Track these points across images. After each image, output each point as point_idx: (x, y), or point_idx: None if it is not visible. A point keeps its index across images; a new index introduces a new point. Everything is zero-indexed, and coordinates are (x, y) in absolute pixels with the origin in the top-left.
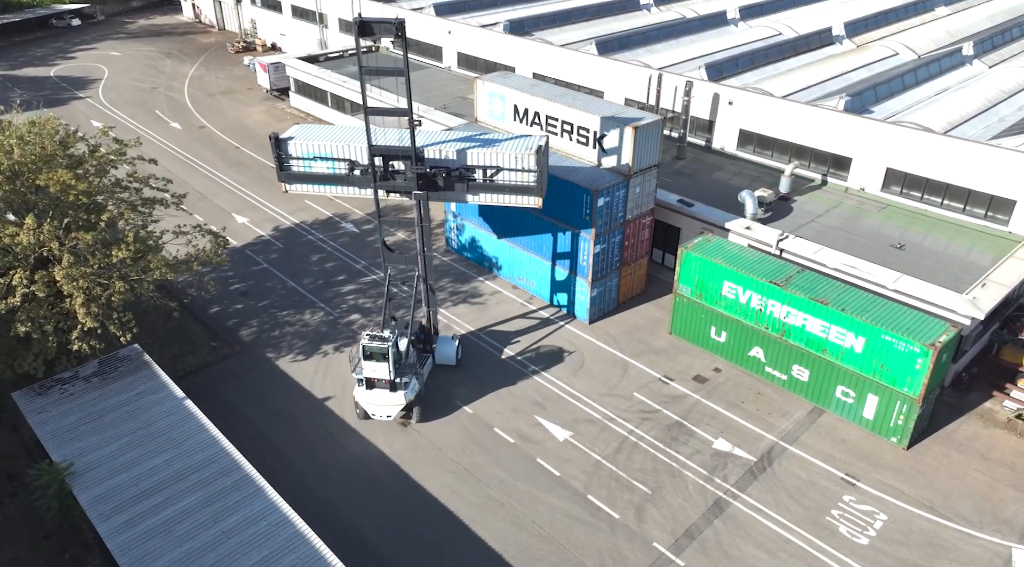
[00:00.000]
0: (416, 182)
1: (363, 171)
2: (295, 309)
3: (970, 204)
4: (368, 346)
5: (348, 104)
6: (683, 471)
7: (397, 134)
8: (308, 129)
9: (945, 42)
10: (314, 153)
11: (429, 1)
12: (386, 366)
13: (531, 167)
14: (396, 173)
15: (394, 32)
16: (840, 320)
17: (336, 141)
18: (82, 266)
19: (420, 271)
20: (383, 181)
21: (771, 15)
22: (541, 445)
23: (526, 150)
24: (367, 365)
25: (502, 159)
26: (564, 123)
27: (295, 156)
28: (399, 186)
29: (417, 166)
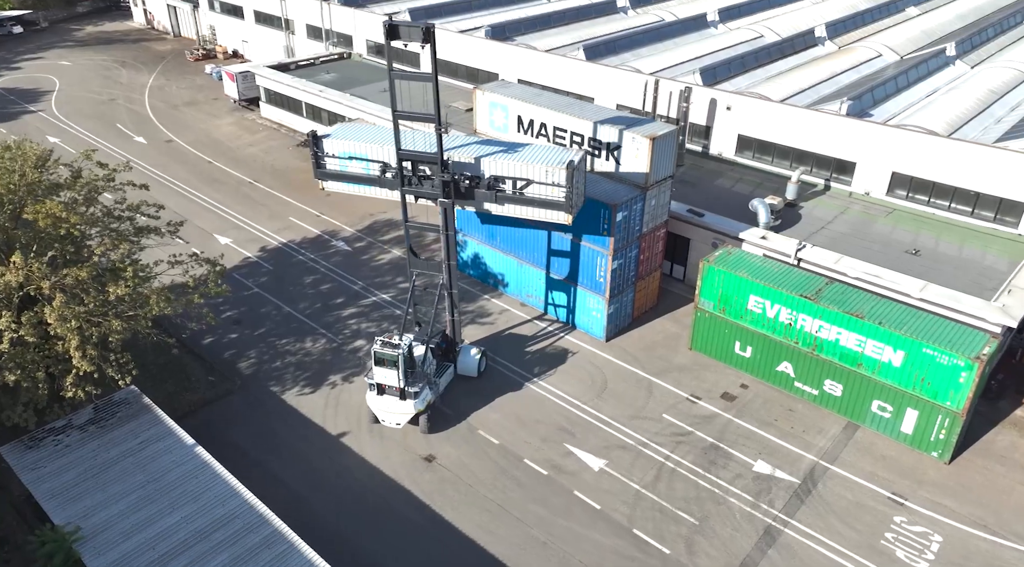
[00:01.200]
0: (443, 189)
1: (394, 174)
2: (294, 337)
3: (978, 207)
4: (379, 352)
5: (325, 114)
6: (727, 497)
7: (431, 139)
8: (349, 128)
9: (923, 42)
10: (349, 153)
11: (404, 6)
12: (396, 374)
13: (561, 182)
14: (424, 178)
15: (422, 37)
16: (877, 334)
17: (373, 142)
18: (75, 305)
19: (444, 279)
20: (411, 186)
21: (749, 17)
22: (576, 476)
23: (558, 164)
24: (378, 371)
25: (532, 171)
26: (573, 134)
27: (331, 154)
28: (425, 192)
29: (444, 173)
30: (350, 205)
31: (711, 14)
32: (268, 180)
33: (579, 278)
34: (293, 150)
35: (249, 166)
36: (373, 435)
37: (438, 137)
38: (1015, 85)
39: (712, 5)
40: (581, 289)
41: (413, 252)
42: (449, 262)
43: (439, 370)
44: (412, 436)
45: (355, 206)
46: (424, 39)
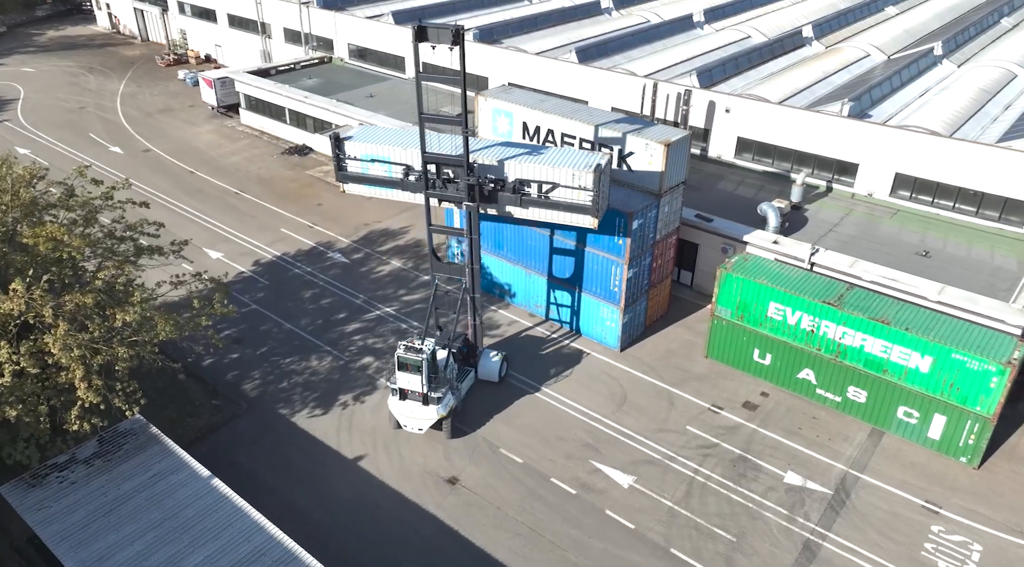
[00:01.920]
0: (468, 193)
1: (417, 177)
2: (299, 355)
3: (983, 207)
4: (402, 357)
5: (311, 121)
6: (762, 512)
7: (454, 141)
8: (370, 130)
9: (906, 42)
10: (371, 155)
11: (386, 8)
12: (419, 379)
13: (588, 185)
14: (448, 182)
15: (451, 38)
16: (903, 339)
17: (396, 145)
18: (79, 333)
19: (467, 283)
20: (435, 189)
21: (733, 17)
22: (606, 495)
23: (584, 167)
24: (400, 376)
25: (558, 175)
26: (582, 141)
27: (353, 156)
28: (450, 196)
29: (469, 176)
30: (343, 215)
31: (697, 15)
32: (255, 190)
33: (592, 287)
34: (278, 158)
35: (233, 176)
36: (392, 457)
37: (464, 140)
38: (1004, 83)
39: (697, 5)
40: (594, 298)
41: (435, 255)
42: (473, 266)
43: (460, 375)
44: (432, 457)
45: (348, 216)
46: (454, 41)
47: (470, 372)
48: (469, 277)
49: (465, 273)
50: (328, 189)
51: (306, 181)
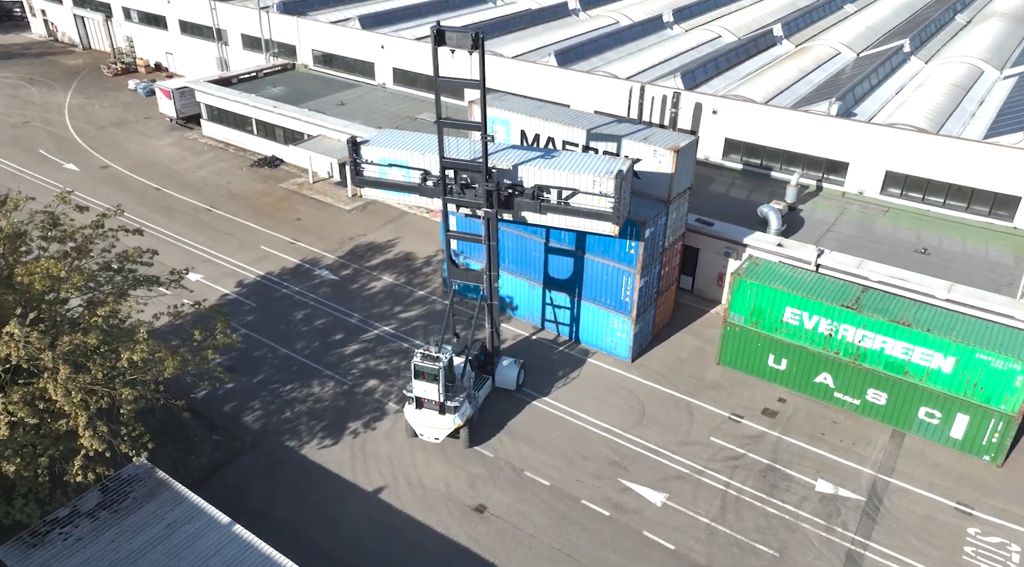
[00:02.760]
0: (487, 199)
1: (435, 182)
2: (299, 382)
3: (973, 202)
4: (419, 366)
5: (280, 132)
6: (799, 523)
7: (475, 147)
8: (388, 134)
9: (871, 39)
10: (389, 159)
11: (351, 12)
12: (436, 388)
13: (609, 192)
14: (466, 187)
15: (471, 43)
16: (925, 341)
17: (414, 149)
18: (81, 376)
19: (484, 290)
20: (453, 195)
21: (700, 17)
22: (640, 515)
23: (606, 173)
24: (417, 384)
25: (579, 181)
26: (586, 149)
27: (369, 161)
28: (468, 202)
29: (488, 183)
30: (324, 230)
31: (667, 15)
32: (228, 206)
33: (601, 298)
34: (248, 171)
35: (203, 191)
36: (413, 487)
37: (483, 146)
38: (973, 79)
39: (662, 5)
40: (603, 309)
41: (453, 262)
42: (490, 272)
43: (477, 383)
44: (455, 484)
45: (330, 231)
46: (473, 45)
47: (487, 380)
48: (487, 284)
49: (482, 280)
50: (305, 203)
51: (281, 195)
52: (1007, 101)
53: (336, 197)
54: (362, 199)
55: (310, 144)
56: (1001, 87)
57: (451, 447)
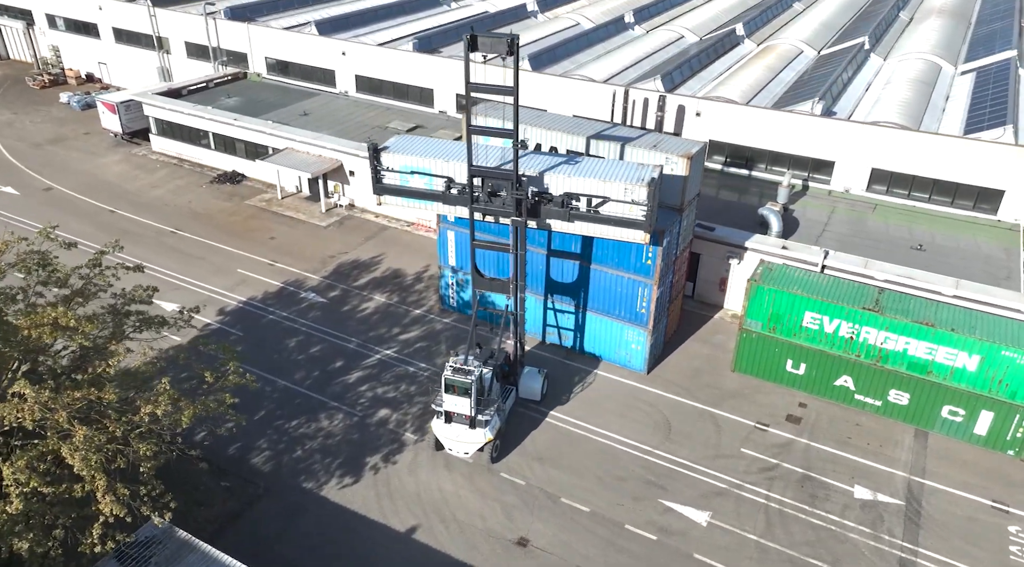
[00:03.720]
0: (516, 207)
1: (460, 190)
2: (304, 416)
3: (957, 197)
4: (450, 379)
5: (242, 146)
6: (847, 533)
7: (499, 154)
8: (407, 140)
9: (828, 36)
10: (411, 167)
11: (305, 17)
12: (467, 402)
13: (642, 200)
14: (493, 195)
15: (506, 48)
16: (950, 341)
17: (438, 156)
18: (98, 434)
19: (510, 300)
20: (479, 203)
21: (657, 17)
22: (688, 536)
23: (637, 181)
24: (447, 398)
25: (610, 189)
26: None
27: (390, 168)
28: (497, 210)
29: (518, 191)
30: (302, 249)
31: (627, 15)
32: (193, 227)
33: (615, 310)
34: (207, 189)
35: (162, 212)
36: (447, 523)
37: (514, 154)
38: (934, 74)
39: (620, 5)
40: (617, 322)
41: (478, 272)
42: (517, 282)
43: (503, 394)
44: (491, 518)
45: (309, 250)
46: (509, 50)
47: (511, 391)
48: (513, 293)
49: (507, 289)
50: (277, 220)
51: (249, 213)
52: (975, 97)
53: (309, 213)
54: (336, 214)
55: (278, 158)
56: (961, 83)
57: (479, 476)
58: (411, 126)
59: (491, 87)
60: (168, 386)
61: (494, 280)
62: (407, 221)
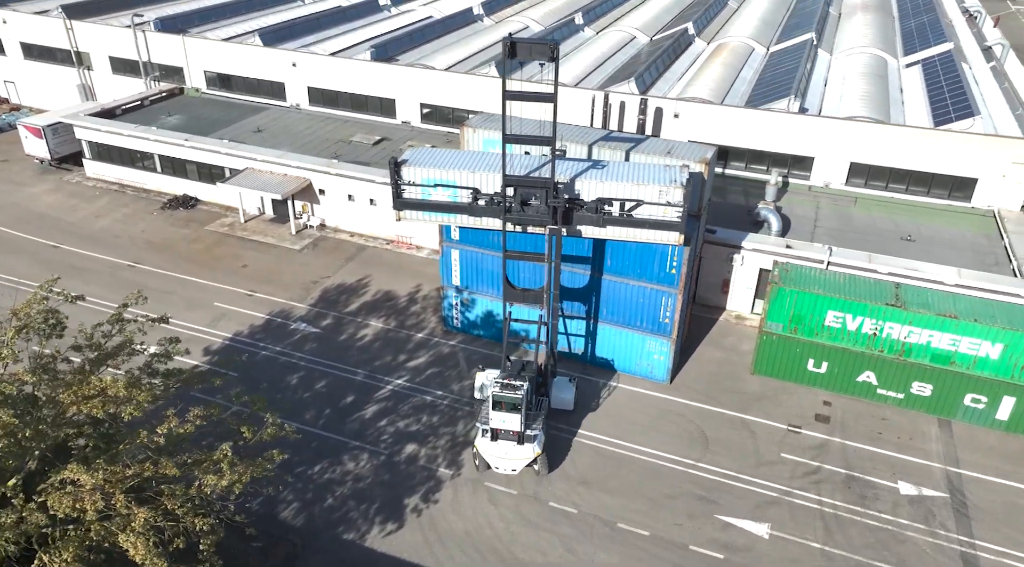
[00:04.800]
0: (552, 215)
1: (488, 201)
2: (327, 460)
3: (933, 186)
4: (498, 395)
5: (194, 168)
6: (904, 532)
7: (523, 162)
8: (426, 153)
9: (771, 33)
10: (434, 180)
11: (242, 27)
12: (517, 418)
13: (677, 201)
14: (525, 204)
15: (548, 55)
16: (973, 331)
17: (463, 168)
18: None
19: (545, 310)
20: (512, 213)
21: (603, 18)
22: (754, 551)
23: (670, 183)
24: (495, 415)
25: (644, 192)
26: None
27: (410, 182)
28: (532, 219)
29: (554, 199)
30: (280, 276)
31: (578, 18)
32: (154, 259)
33: (636, 321)
34: (160, 215)
35: (114, 244)
36: (508, 563)
37: (552, 162)
38: (883, 68)
39: (564, 4)
40: (638, 333)
41: (509, 283)
42: (553, 291)
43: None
44: (551, 551)
45: (287, 276)
46: (550, 57)
47: (544, 401)
48: (547, 303)
49: (540, 300)
50: (245, 246)
51: (212, 240)
52: (931, 89)
53: (278, 236)
54: (308, 236)
55: (240, 180)
56: (910, 75)
57: (527, 506)
58: (377, 139)
59: (529, 94)
60: (228, 452)
61: (527, 291)
62: (386, 239)
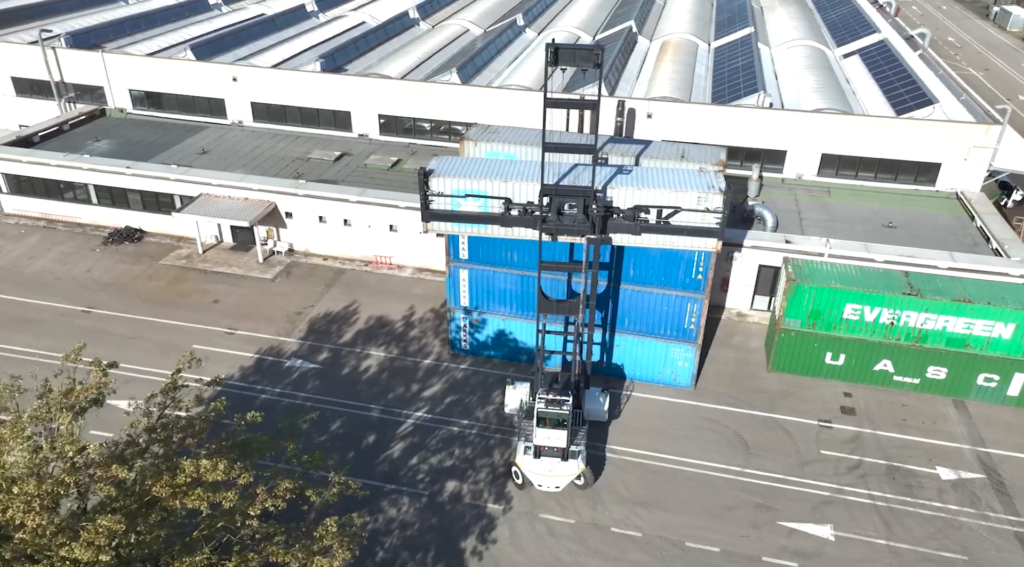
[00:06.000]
0: (591, 225)
1: (522, 210)
2: (365, 507)
3: (900, 172)
4: (544, 412)
5: (137, 197)
6: (957, 518)
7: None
8: (454, 162)
9: (707, 30)
10: (465, 190)
11: (170, 40)
12: (563, 434)
13: (717, 207)
14: (561, 213)
15: (594, 61)
16: (987, 313)
17: (496, 177)
18: None
19: (580, 320)
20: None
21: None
22: (825, 555)
23: (708, 188)
24: (540, 432)
25: (682, 198)
26: None
27: (439, 193)
28: (572, 228)
29: (596, 209)
30: (257, 309)
31: (520, 19)
32: (110, 302)
33: (660, 330)
34: (104, 252)
35: (59, 288)
36: None
37: (593, 170)
38: (821, 58)
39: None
40: (661, 341)
41: (543, 295)
42: (589, 303)
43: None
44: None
45: (266, 308)
46: (595, 63)
47: (579, 414)
48: (586, 313)
49: (575, 311)
50: (210, 279)
51: (171, 275)
52: (880, 79)
53: (245, 265)
54: (277, 262)
55: (197, 207)
56: (850, 64)
57: (590, 536)
58: (337, 154)
59: (570, 102)
60: (334, 527)
61: (561, 302)
62: (363, 260)
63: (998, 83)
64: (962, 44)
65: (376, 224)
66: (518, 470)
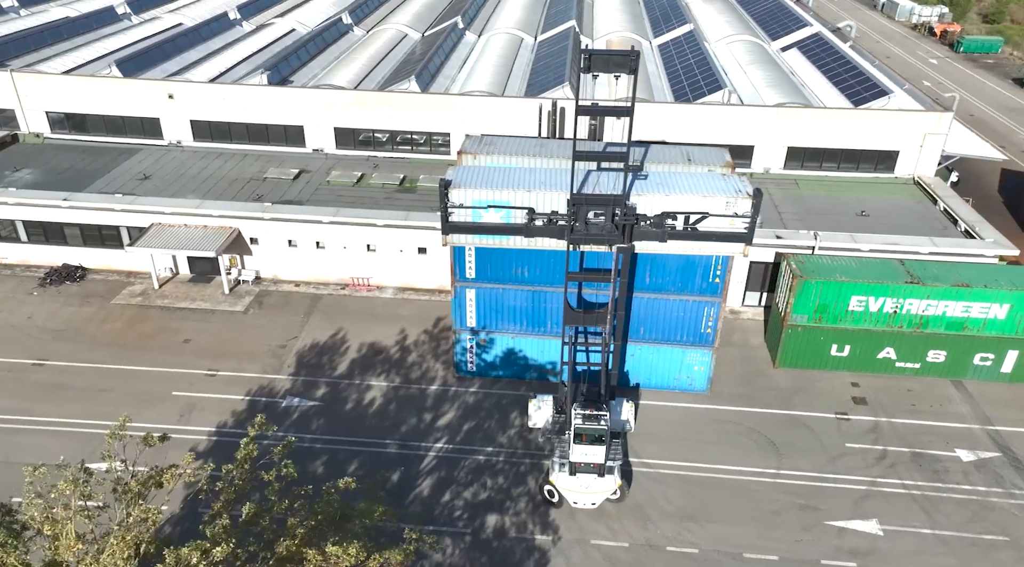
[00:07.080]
0: (621, 233)
1: (547, 220)
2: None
3: (861, 161)
4: (581, 428)
5: (75, 232)
6: (988, 499)
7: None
8: (473, 172)
9: (641, 26)
10: (487, 201)
11: (87, 55)
12: (602, 450)
13: (745, 212)
14: (588, 223)
15: (628, 67)
16: (984, 296)
17: (516, 187)
18: None
19: (607, 330)
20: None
21: (480, 22)
22: (879, 553)
23: (735, 193)
24: (577, 449)
25: (711, 204)
26: None
27: (459, 204)
28: (600, 238)
29: (625, 216)
30: (236, 345)
31: (459, 21)
32: (63, 351)
33: (676, 335)
34: (44, 295)
35: (2, 340)
36: None
37: (624, 177)
38: (765, 53)
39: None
40: (677, 347)
41: (569, 304)
42: (617, 312)
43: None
44: None
45: (245, 344)
46: (630, 69)
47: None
48: (613, 323)
49: (603, 320)
50: (175, 317)
51: (128, 316)
52: (828, 72)
53: (210, 298)
54: (246, 292)
55: (150, 239)
56: (791, 57)
57: (647, 557)
58: (295, 172)
59: (603, 109)
60: None
61: (587, 312)
62: (339, 283)
63: (901, 70)
64: (859, 34)
65: (352, 245)
66: (553, 488)
